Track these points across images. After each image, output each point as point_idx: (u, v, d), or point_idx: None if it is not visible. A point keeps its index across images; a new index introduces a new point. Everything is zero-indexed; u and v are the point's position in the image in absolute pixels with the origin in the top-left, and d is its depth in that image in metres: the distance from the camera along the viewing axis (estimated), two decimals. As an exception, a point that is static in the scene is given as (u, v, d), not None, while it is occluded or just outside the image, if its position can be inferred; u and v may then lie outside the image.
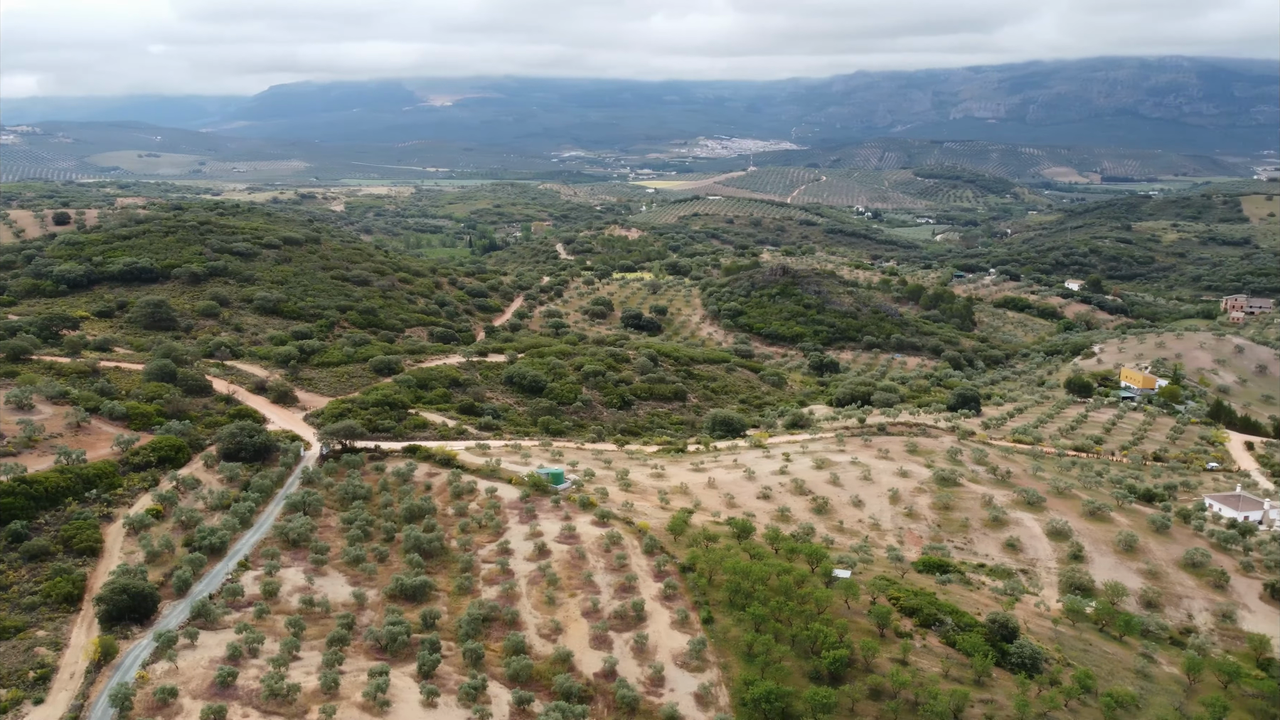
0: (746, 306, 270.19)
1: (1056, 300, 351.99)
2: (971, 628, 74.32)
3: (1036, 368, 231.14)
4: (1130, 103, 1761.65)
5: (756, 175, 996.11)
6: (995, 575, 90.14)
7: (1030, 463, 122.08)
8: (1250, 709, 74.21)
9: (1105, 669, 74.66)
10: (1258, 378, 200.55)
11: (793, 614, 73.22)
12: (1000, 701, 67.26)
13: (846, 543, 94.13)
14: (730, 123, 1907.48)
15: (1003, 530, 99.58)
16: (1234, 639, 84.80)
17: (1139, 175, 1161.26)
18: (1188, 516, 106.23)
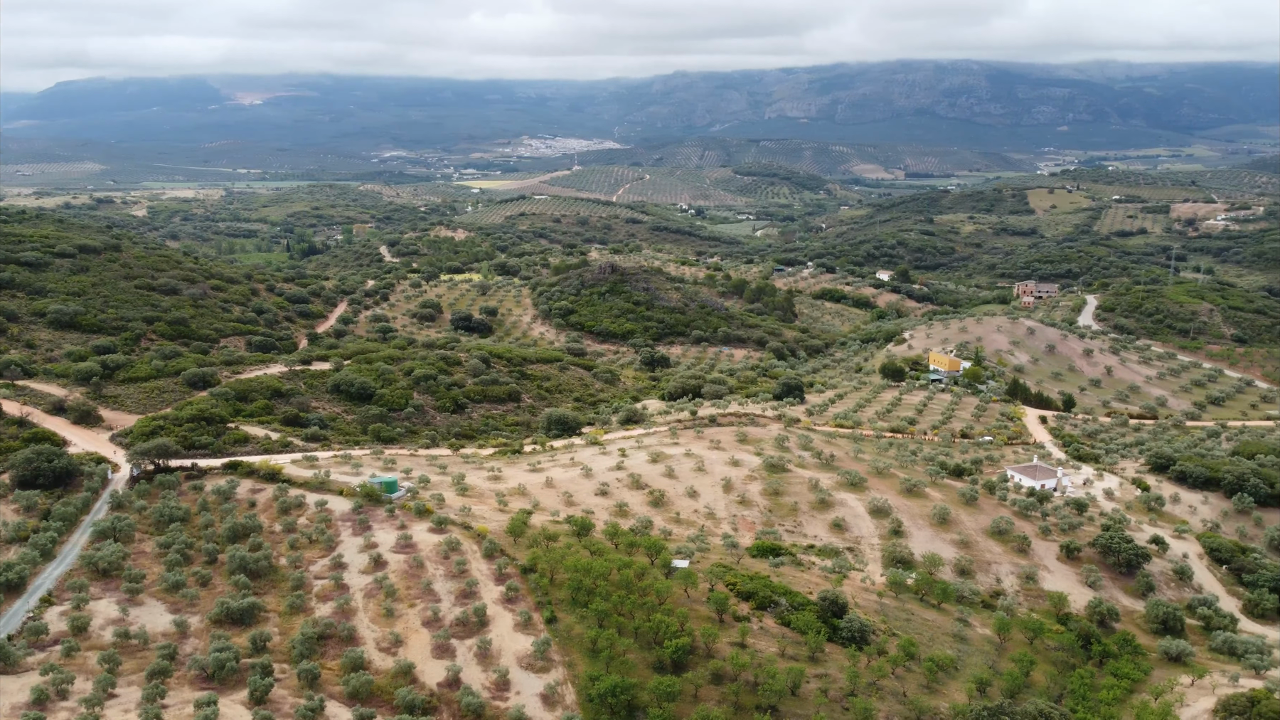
0: (577, 305, 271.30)
1: (869, 290, 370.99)
2: (804, 607, 77.52)
3: (854, 355, 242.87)
4: (928, 103, 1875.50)
5: (582, 174, 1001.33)
6: (824, 555, 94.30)
7: (852, 446, 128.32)
8: (1052, 660, 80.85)
9: (926, 635, 79.51)
10: (1047, 356, 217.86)
11: (635, 607, 74.29)
12: (833, 675, 70.55)
13: (684, 533, 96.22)
14: (554, 122, 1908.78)
15: (829, 511, 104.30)
16: (1037, 598, 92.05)
17: (938, 171, 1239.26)
18: (993, 488, 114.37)
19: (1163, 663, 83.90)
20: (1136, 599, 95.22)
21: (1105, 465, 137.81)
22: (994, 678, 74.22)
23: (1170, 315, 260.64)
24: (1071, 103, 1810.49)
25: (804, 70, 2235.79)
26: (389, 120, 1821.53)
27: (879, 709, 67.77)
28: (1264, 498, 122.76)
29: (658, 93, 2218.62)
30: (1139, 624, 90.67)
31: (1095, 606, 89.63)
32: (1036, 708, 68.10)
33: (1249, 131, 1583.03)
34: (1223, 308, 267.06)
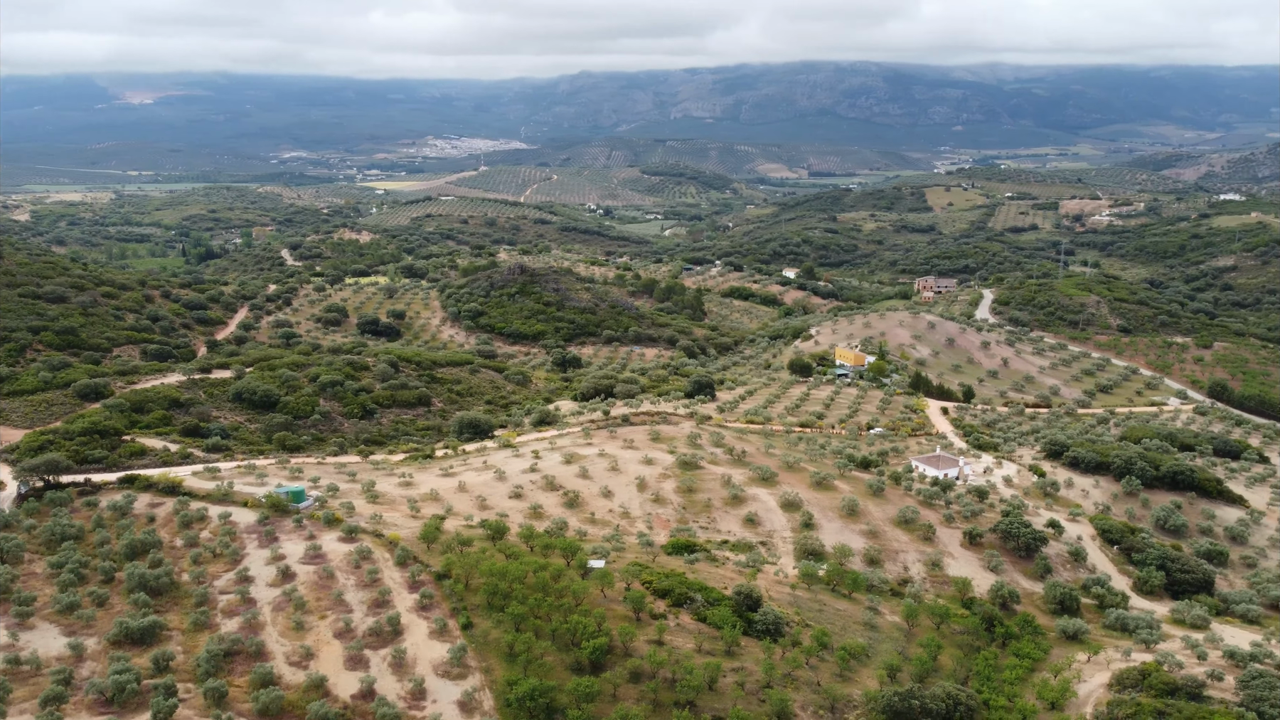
0: (487, 307, 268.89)
1: (776, 288, 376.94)
2: (720, 602, 78.40)
3: (762, 352, 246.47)
4: (829, 104, 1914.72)
5: (488, 175, 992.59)
6: (738, 549, 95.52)
7: (763, 441, 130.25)
8: (958, 644, 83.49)
9: (838, 625, 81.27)
10: (947, 349, 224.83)
11: (552, 609, 74.07)
12: (749, 668, 71.55)
13: (599, 533, 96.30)
14: (459, 122, 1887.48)
15: (742, 507, 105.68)
16: (942, 584, 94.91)
17: (840, 170, 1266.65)
18: (898, 478, 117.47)
19: (1061, 641, 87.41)
20: (1035, 581, 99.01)
21: (1004, 453, 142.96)
22: (904, 663, 76.27)
23: (1061, 308, 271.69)
24: (965, 103, 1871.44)
25: (708, 71, 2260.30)
26: (288, 120, 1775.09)
27: (794, 699, 69.03)
28: (1150, 480, 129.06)
29: (564, 93, 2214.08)
30: (1038, 605, 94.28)
31: (997, 590, 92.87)
32: (944, 690, 70.22)
33: (1129, 131, 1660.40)
34: (1109, 300, 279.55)
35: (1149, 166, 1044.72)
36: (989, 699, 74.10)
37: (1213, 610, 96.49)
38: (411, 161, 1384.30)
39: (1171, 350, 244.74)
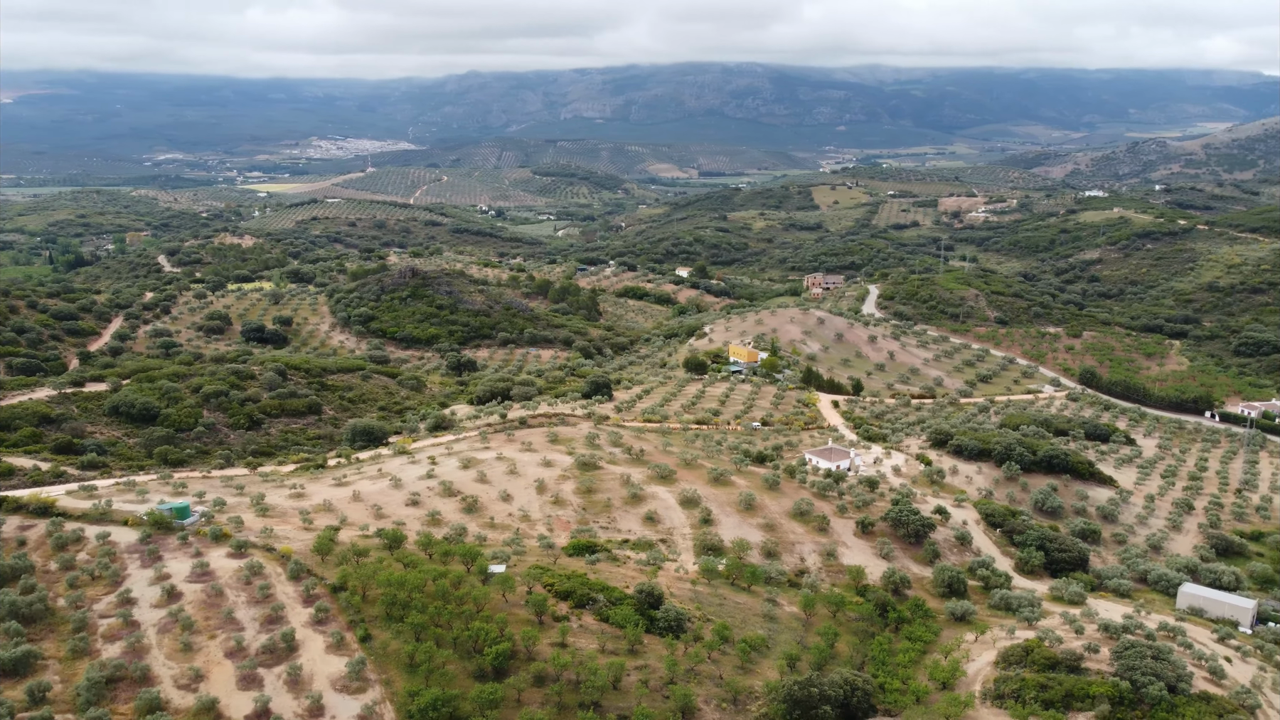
0: (378, 311, 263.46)
1: (670, 287, 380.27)
2: (622, 601, 78.77)
3: (658, 351, 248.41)
4: (717, 104, 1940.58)
5: (376, 176, 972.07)
6: (638, 548, 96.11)
7: (661, 440, 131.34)
8: (854, 631, 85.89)
9: (739, 618, 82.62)
10: (837, 344, 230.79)
11: (452, 616, 73.18)
12: (653, 665, 72.12)
13: (499, 538, 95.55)
14: (344, 122, 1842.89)
15: (642, 505, 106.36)
16: (837, 573, 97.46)
17: (729, 170, 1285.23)
18: (793, 472, 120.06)
19: (950, 623, 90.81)
20: (925, 566, 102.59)
21: (892, 444, 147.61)
22: (802, 653, 78.04)
23: (942, 301, 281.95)
24: (848, 104, 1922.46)
25: (598, 71, 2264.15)
26: (162, 120, 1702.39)
27: (698, 694, 69.90)
28: (1028, 464, 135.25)
29: (452, 93, 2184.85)
30: (928, 589, 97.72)
31: (890, 576, 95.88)
32: (842, 677, 72.15)
33: (1001, 131, 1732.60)
34: (987, 293, 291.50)
35: (1020, 165, 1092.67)
36: (884, 682, 76.48)
37: (1088, 586, 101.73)
38: (295, 163, 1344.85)
39: (1045, 340, 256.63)
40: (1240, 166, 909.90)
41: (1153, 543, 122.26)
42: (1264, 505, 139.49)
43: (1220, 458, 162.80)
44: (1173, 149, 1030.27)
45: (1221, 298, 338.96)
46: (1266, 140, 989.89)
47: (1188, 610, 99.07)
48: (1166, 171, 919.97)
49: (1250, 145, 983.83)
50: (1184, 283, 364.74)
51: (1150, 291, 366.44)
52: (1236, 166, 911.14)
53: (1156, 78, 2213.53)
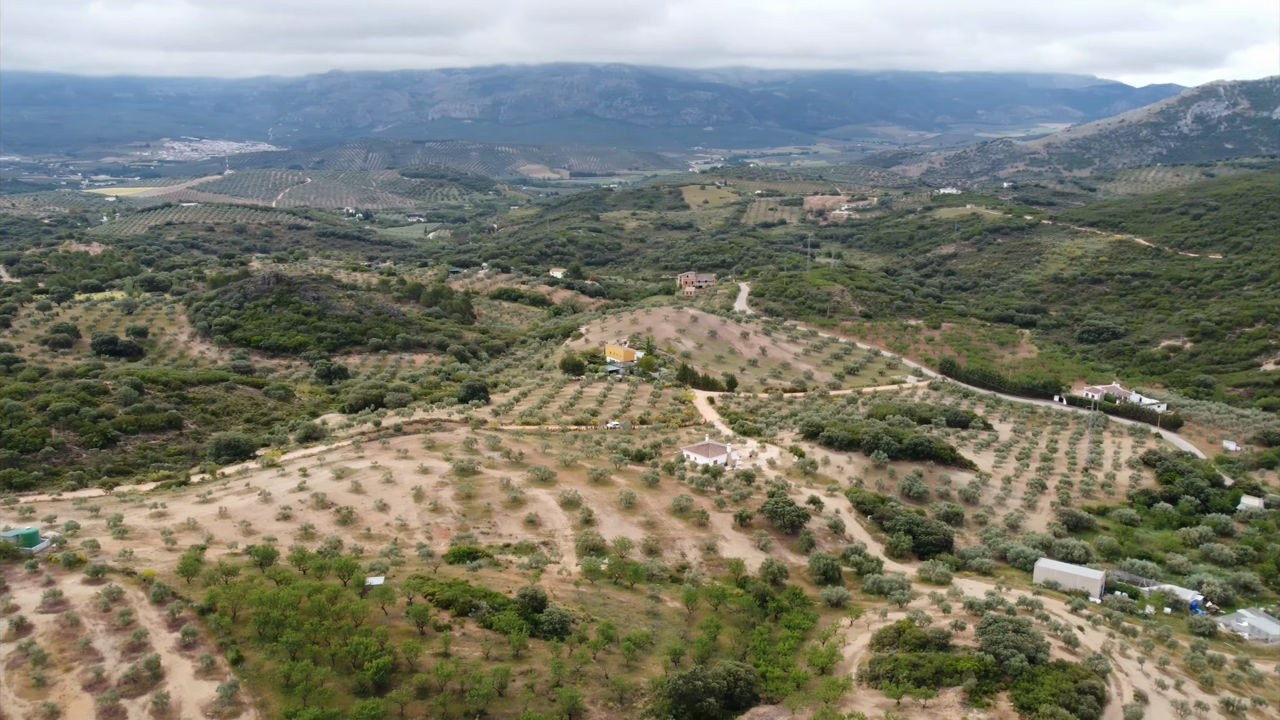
0: (241, 319, 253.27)
1: (544, 288, 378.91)
2: (505, 606, 78.20)
3: (534, 352, 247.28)
4: (586, 105, 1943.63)
5: (235, 179, 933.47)
6: (520, 552, 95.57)
7: (540, 442, 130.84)
8: (736, 622, 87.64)
9: (623, 617, 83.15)
10: (710, 341, 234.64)
11: (330, 632, 71.19)
12: (538, 669, 71.87)
13: (377, 549, 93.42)
14: (198, 123, 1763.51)
15: (522, 509, 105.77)
16: (718, 566, 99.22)
17: (600, 170, 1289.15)
18: (672, 469, 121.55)
19: (827, 609, 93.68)
20: (801, 555, 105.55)
21: (767, 437, 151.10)
22: (686, 647, 79.14)
23: (810, 297, 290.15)
24: (715, 105, 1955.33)
25: (465, 71, 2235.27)
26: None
27: (584, 694, 70.03)
28: (895, 453, 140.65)
29: (313, 92, 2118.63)
30: (805, 577, 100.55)
31: (768, 567, 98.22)
32: (725, 668, 73.52)
33: (861, 131, 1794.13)
34: (852, 288, 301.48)
35: (880, 164, 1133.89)
36: (766, 671, 78.30)
37: (953, 567, 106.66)
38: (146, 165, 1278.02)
39: (907, 332, 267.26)
40: (1079, 164, 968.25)
41: (1011, 522, 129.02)
42: (1108, 482, 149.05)
43: (1069, 439, 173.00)
44: (1018, 148, 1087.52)
45: (1065, 288, 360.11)
46: (1101, 140, 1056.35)
47: (1044, 584, 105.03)
48: (1013, 169, 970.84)
49: (1087, 144, 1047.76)
50: (1032, 275, 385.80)
51: (1002, 284, 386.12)
52: (1075, 164, 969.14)
53: (1002, 81, 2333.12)
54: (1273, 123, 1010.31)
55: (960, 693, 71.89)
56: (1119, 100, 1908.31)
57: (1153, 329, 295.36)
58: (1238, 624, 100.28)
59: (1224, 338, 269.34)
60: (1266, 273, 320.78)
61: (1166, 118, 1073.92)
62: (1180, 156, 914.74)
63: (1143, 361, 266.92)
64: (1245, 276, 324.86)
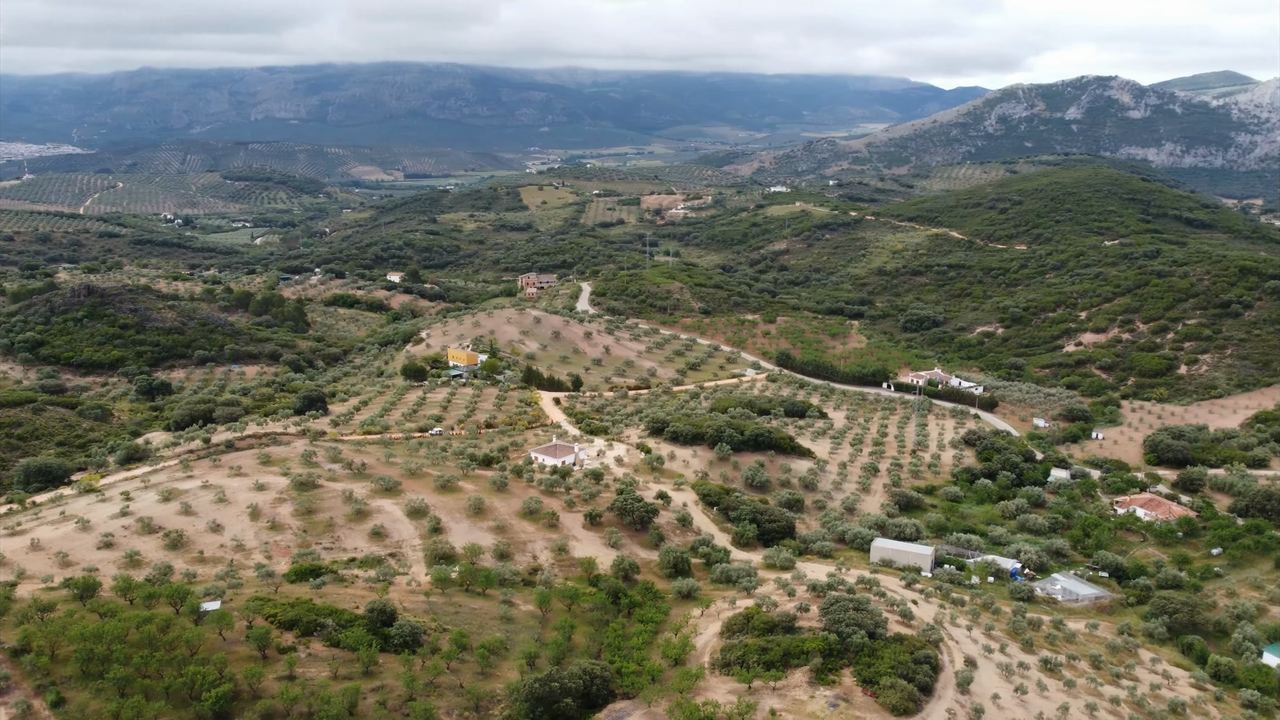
0: (48, 335, 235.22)
1: (382, 293, 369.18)
2: (353, 622, 75.94)
3: (374, 359, 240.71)
4: (419, 105, 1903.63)
5: (36, 184, 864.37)
6: (367, 565, 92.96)
7: (383, 451, 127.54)
8: (590, 621, 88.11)
9: (476, 624, 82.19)
10: (554, 342, 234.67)
11: (163, 664, 67.26)
12: (390, 684, 70.15)
13: (211, 572, 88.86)
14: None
15: (367, 521, 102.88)
16: (570, 566, 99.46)
17: (436, 172, 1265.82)
18: (520, 471, 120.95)
19: (678, 601, 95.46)
20: (651, 550, 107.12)
21: (614, 435, 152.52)
22: (541, 649, 79.01)
23: (651, 295, 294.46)
24: (550, 105, 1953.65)
25: (289, 70, 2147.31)
26: None
27: (439, 706, 68.86)
28: (738, 444, 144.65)
29: (123, 91, 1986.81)
30: (656, 571, 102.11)
31: (619, 564, 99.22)
32: (581, 668, 73.84)
33: (694, 132, 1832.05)
34: (690, 285, 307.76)
35: (713, 163, 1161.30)
36: (621, 667, 79.10)
37: (796, 551, 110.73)
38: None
39: (744, 327, 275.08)
40: (897, 163, 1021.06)
41: (848, 505, 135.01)
42: (934, 462, 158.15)
43: (897, 423, 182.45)
44: (842, 147, 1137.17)
45: (889, 280, 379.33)
46: (917, 139, 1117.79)
47: (880, 562, 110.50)
48: (838, 168, 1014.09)
49: (904, 144, 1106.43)
50: (858, 268, 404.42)
51: (831, 277, 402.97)
52: (894, 162, 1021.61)
53: (824, 83, 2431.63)
54: (1066, 123, 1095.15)
55: (808, 672, 74.75)
56: (931, 102, 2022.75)
57: (968, 316, 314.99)
58: (1052, 587, 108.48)
59: (1030, 323, 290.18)
60: (1065, 262, 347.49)
61: (974, 118, 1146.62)
62: (987, 155, 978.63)
63: (960, 347, 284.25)
64: (1047, 265, 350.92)
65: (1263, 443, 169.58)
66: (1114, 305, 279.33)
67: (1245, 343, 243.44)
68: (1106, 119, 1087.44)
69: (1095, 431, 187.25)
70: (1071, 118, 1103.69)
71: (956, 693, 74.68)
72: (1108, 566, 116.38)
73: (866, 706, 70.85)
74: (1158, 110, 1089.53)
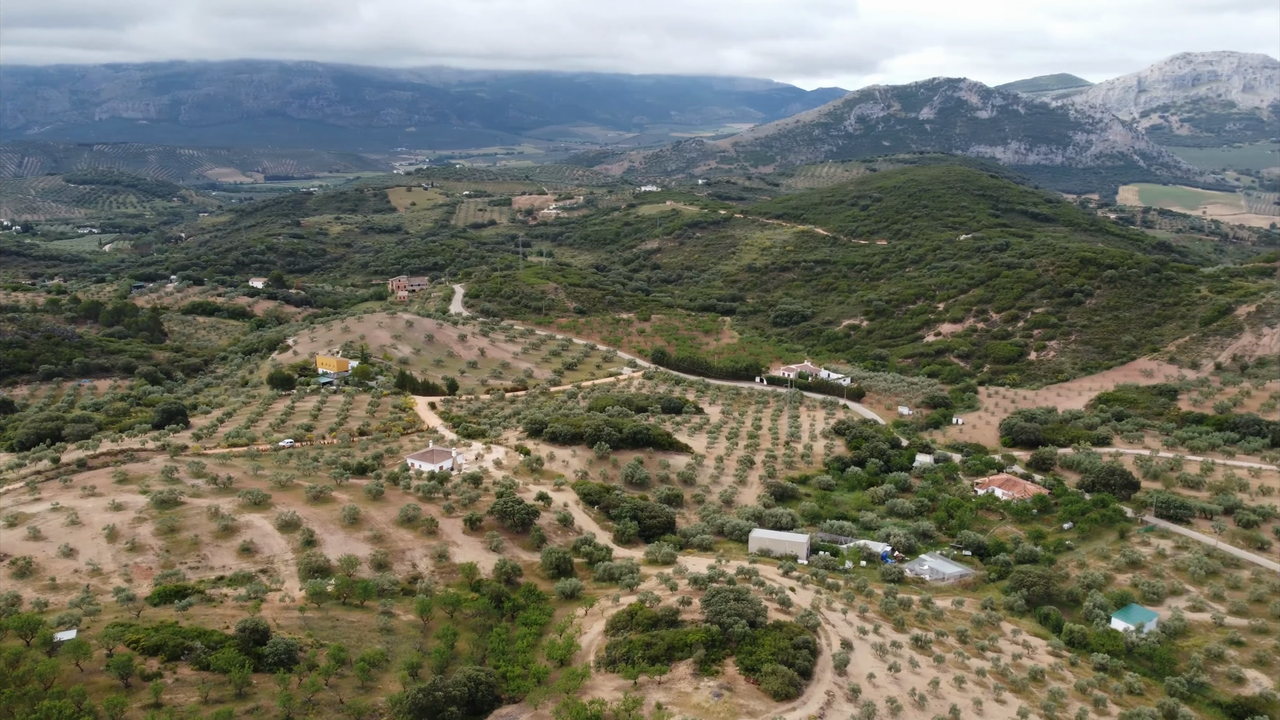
0: None
1: (244, 300, 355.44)
2: (223, 643, 72.93)
3: (238, 369, 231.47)
4: (278, 104, 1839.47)
5: None
6: (236, 583, 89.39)
7: (250, 464, 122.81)
8: (473, 627, 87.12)
9: (355, 637, 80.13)
10: (428, 346, 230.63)
11: (13, 701, 63.07)
12: (265, 704, 67.71)
13: (65, 600, 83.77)
14: None
15: (235, 537, 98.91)
16: (451, 573, 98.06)
17: (298, 173, 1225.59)
18: (396, 479, 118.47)
19: (562, 602, 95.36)
20: (533, 552, 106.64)
21: (492, 438, 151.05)
22: (424, 659, 77.66)
23: (525, 296, 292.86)
24: (416, 105, 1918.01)
25: (135, 67, 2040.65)
26: None
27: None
28: (617, 442, 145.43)
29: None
30: (538, 573, 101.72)
31: (501, 568, 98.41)
32: (465, 675, 72.93)
33: (563, 132, 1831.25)
34: (565, 285, 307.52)
35: (584, 163, 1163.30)
36: (506, 671, 78.51)
37: (677, 546, 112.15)
38: None
39: (620, 325, 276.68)
40: (763, 161, 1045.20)
41: (725, 498, 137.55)
42: (807, 452, 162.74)
43: (771, 415, 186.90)
44: (709, 147, 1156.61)
45: (759, 276, 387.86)
46: (781, 139, 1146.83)
47: (758, 552, 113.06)
48: (706, 167, 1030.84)
49: (769, 143, 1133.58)
50: (729, 265, 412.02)
51: (703, 275, 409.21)
52: (760, 161, 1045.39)
53: (690, 83, 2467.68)
54: (920, 123, 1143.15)
55: (691, 664, 75.86)
56: (794, 102, 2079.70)
57: (835, 310, 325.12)
58: (920, 568, 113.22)
59: (893, 315, 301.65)
60: (923, 256, 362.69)
61: (834, 118, 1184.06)
62: (848, 153, 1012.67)
63: (828, 340, 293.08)
64: (907, 260, 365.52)
65: (1105, 422, 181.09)
66: (969, 296, 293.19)
67: (1087, 329, 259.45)
68: (957, 119, 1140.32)
69: (955, 417, 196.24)
70: (925, 118, 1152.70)
71: (835, 675, 77.15)
72: (970, 545, 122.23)
73: (749, 694, 72.42)
74: (1003, 110, 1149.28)
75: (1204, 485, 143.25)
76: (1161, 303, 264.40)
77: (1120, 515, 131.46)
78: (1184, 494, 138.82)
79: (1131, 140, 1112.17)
